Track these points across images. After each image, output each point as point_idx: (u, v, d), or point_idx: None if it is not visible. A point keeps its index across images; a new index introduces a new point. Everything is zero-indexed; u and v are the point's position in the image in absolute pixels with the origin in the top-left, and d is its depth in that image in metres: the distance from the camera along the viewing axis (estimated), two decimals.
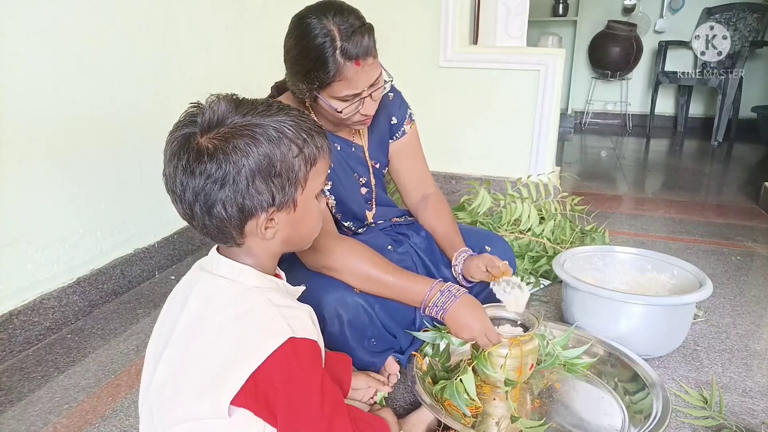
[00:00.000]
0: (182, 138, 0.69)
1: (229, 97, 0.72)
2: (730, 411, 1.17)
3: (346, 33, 1.02)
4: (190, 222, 0.73)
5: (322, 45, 1.01)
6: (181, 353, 0.73)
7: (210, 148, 0.67)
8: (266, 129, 0.69)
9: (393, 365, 1.21)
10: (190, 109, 0.71)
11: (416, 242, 1.36)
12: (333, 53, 1.02)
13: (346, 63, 1.03)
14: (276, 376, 0.68)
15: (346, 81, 1.05)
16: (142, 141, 1.73)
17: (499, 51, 2.64)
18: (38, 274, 1.46)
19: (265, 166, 0.69)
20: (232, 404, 0.69)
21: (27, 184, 1.40)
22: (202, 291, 0.75)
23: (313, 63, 1.03)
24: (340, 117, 1.11)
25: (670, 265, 1.49)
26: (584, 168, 3.63)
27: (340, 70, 1.03)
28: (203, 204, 0.69)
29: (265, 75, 2.27)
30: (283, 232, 0.75)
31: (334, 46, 1.01)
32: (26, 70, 1.37)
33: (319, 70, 1.03)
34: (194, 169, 0.67)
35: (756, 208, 2.67)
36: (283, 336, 0.68)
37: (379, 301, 1.16)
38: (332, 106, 1.09)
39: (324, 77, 1.04)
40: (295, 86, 1.11)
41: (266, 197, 0.70)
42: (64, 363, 1.37)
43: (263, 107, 0.71)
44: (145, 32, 1.72)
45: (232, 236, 0.73)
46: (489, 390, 1.15)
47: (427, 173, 1.42)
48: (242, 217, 0.70)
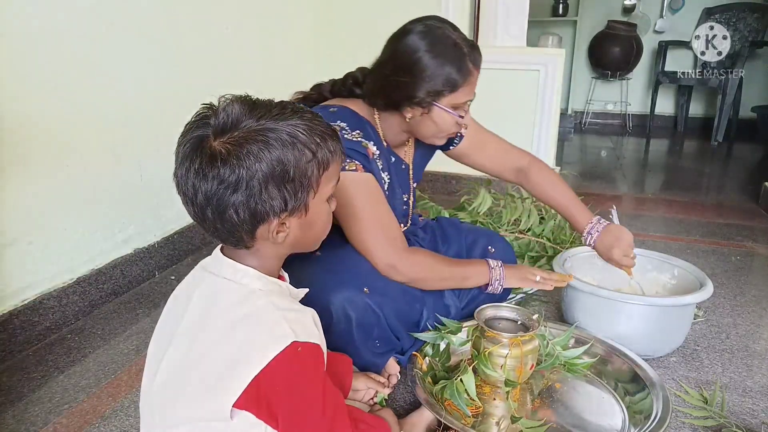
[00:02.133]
0: (195, 140, 0.68)
1: (243, 99, 0.71)
2: (730, 411, 1.17)
3: (468, 43, 1.11)
4: (201, 224, 0.73)
5: (458, 51, 1.09)
6: (184, 354, 0.73)
7: (223, 153, 0.67)
8: (280, 134, 0.68)
9: (393, 366, 1.21)
10: (203, 111, 0.70)
11: (424, 239, 1.40)
12: (466, 59, 1.10)
13: (473, 69, 1.11)
14: (278, 380, 0.68)
15: (469, 87, 1.12)
16: (142, 141, 1.73)
17: (499, 51, 2.64)
18: (38, 274, 1.46)
19: (278, 171, 0.68)
20: (234, 407, 0.68)
21: (27, 184, 1.40)
22: (205, 292, 0.74)
23: (450, 67, 1.08)
24: (459, 123, 1.16)
25: (670, 265, 1.49)
26: (584, 168, 3.63)
27: (470, 75, 1.11)
28: (215, 208, 0.69)
29: (266, 75, 2.27)
30: (293, 235, 0.75)
31: (464, 52, 1.09)
32: (26, 70, 1.37)
33: (456, 74, 1.09)
34: (207, 173, 0.67)
35: (756, 208, 2.67)
36: (287, 340, 0.68)
37: (387, 303, 1.16)
38: (452, 113, 1.14)
39: (458, 80, 1.09)
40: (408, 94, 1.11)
41: (279, 202, 0.69)
42: (64, 363, 1.37)
43: (278, 110, 0.71)
44: (145, 32, 1.72)
45: (242, 239, 0.72)
46: (489, 390, 1.15)
47: (507, 148, 1.47)
48: (254, 221, 0.70)
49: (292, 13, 2.39)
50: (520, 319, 1.17)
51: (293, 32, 2.49)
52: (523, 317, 1.17)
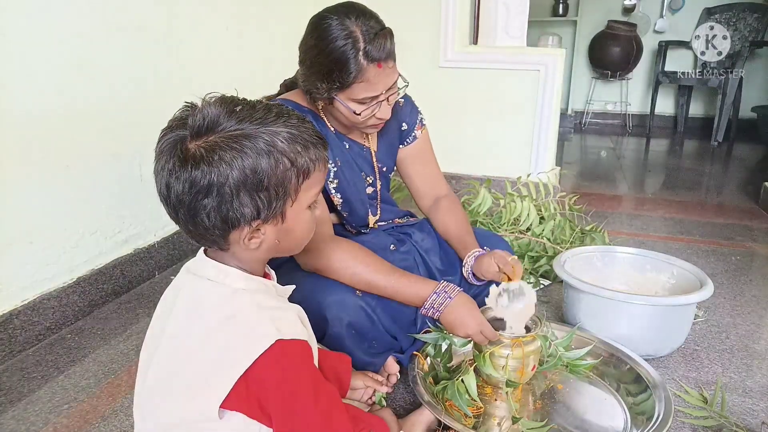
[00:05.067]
0: (171, 141, 0.68)
1: (224, 100, 0.69)
2: (730, 411, 1.17)
3: (369, 35, 1.03)
4: (176, 223, 0.72)
5: (345, 46, 1.02)
6: (170, 358, 0.72)
7: (196, 156, 0.65)
8: (256, 141, 0.67)
9: (393, 365, 1.21)
10: (184, 111, 0.70)
11: (418, 240, 1.36)
12: (356, 55, 1.02)
13: (369, 65, 1.03)
14: (267, 379, 0.68)
15: (366, 83, 1.05)
16: (142, 141, 1.72)
17: (499, 51, 2.64)
18: (38, 274, 1.46)
19: (251, 179, 0.67)
20: (225, 408, 0.68)
21: (27, 184, 1.40)
22: (189, 294, 0.74)
23: (334, 64, 1.03)
24: (356, 119, 1.11)
25: (669, 265, 1.49)
26: (584, 168, 3.63)
27: (362, 71, 1.04)
28: (187, 210, 0.68)
29: (266, 75, 2.27)
30: (269, 242, 0.74)
31: (357, 47, 1.02)
32: (26, 70, 1.37)
33: (340, 70, 1.03)
34: (179, 174, 0.66)
35: (756, 208, 2.67)
36: (271, 338, 0.67)
37: (380, 304, 1.16)
38: (350, 108, 1.09)
39: (345, 78, 1.04)
40: (312, 86, 1.10)
41: (250, 210, 0.68)
42: (64, 363, 1.36)
43: (261, 113, 0.69)
44: (145, 32, 1.71)
45: (215, 242, 0.72)
46: (491, 390, 1.15)
47: (439, 176, 1.42)
48: (225, 227, 0.69)
49: (292, 13, 2.39)
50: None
51: (293, 32, 2.48)
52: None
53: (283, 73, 1.29)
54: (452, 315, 1.11)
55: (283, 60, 2.39)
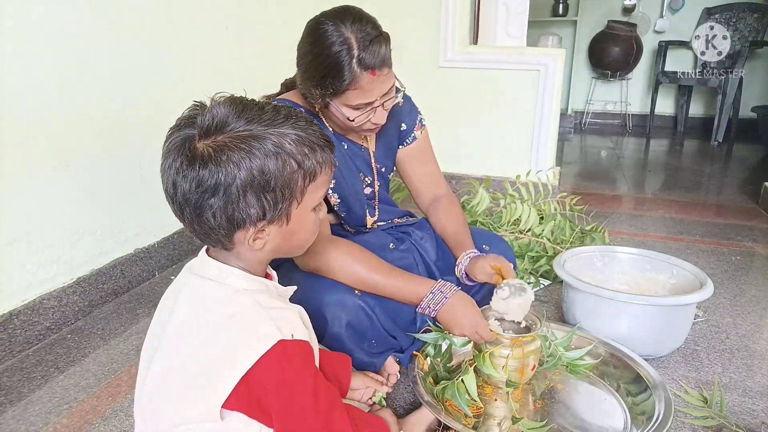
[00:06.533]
0: (180, 139, 0.68)
1: (234, 100, 0.70)
2: (730, 411, 1.17)
3: (364, 42, 1.01)
4: (181, 221, 0.72)
5: (339, 53, 1.01)
6: (171, 358, 0.72)
7: (204, 155, 0.66)
8: (264, 142, 0.67)
9: (393, 365, 1.21)
10: (192, 109, 0.70)
11: (417, 238, 1.36)
12: (350, 62, 1.01)
13: (362, 73, 1.02)
14: (268, 379, 0.68)
15: (360, 90, 1.05)
16: (142, 141, 1.72)
17: (499, 51, 2.64)
18: (38, 274, 1.46)
19: (258, 180, 0.67)
20: (226, 408, 0.68)
21: (27, 184, 1.40)
22: (191, 294, 0.74)
23: (328, 70, 1.02)
24: (351, 125, 1.11)
25: (669, 265, 1.49)
26: (584, 168, 3.63)
27: (356, 79, 1.03)
28: (193, 208, 0.68)
29: (266, 75, 2.27)
30: (273, 242, 0.74)
31: (351, 54, 1.01)
32: (26, 70, 1.37)
33: (334, 77, 1.03)
34: (187, 173, 0.66)
35: (756, 208, 2.67)
36: (272, 339, 0.67)
37: (379, 303, 1.16)
38: (344, 113, 1.09)
39: (338, 85, 1.03)
40: (306, 90, 1.10)
41: (256, 211, 0.69)
42: (64, 363, 1.36)
43: (269, 114, 0.69)
44: (145, 32, 1.71)
45: (220, 241, 0.72)
46: (491, 391, 1.15)
47: (438, 176, 1.42)
48: (231, 227, 0.69)
49: (292, 13, 2.39)
50: (523, 319, 1.17)
51: (293, 32, 2.48)
52: (525, 318, 1.17)
53: (283, 74, 1.29)
54: (448, 314, 1.11)
55: (283, 60, 2.39)
